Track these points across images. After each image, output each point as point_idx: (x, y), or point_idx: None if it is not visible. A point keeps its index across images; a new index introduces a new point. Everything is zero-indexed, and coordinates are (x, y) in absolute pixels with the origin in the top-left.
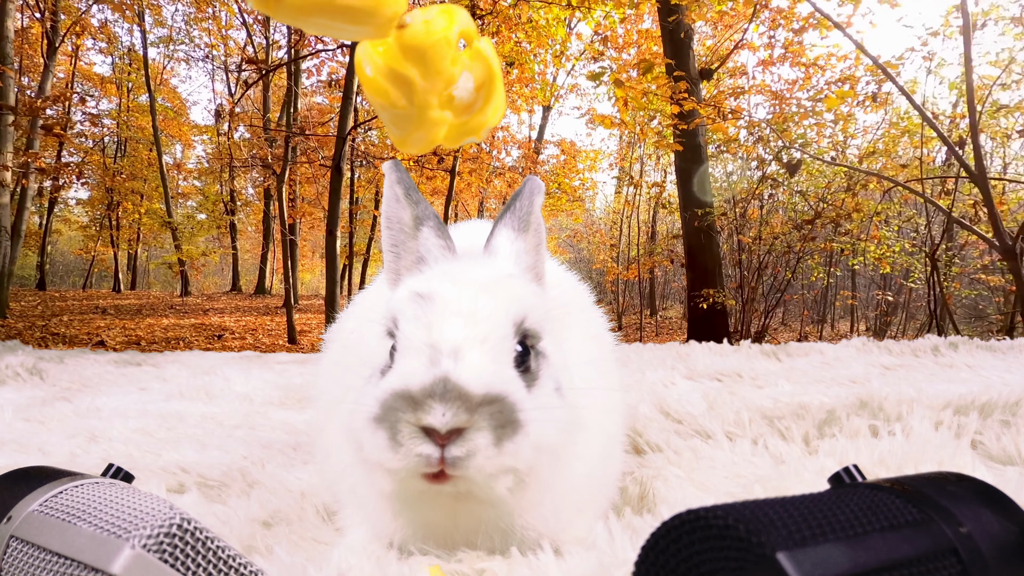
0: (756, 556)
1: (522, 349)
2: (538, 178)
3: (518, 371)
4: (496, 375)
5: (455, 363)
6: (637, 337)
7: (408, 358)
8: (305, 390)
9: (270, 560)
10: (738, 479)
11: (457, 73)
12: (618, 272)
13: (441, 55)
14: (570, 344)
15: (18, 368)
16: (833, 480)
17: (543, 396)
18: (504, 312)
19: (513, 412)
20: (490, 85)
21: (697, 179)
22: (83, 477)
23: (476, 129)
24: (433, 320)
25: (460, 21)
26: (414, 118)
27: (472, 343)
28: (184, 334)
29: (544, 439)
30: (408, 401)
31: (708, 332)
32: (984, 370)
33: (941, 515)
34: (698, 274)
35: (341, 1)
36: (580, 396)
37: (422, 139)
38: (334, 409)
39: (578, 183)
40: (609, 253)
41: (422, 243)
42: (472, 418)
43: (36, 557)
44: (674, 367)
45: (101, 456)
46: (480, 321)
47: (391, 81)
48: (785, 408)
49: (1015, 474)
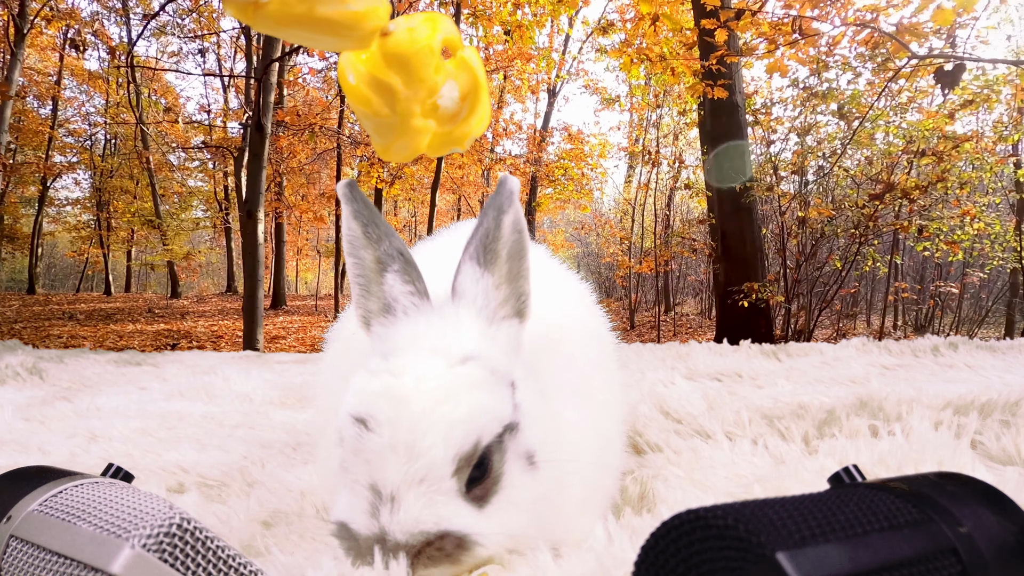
0: (756, 556)
1: (477, 462)
2: (512, 178)
3: (471, 490)
4: (433, 521)
5: (391, 514)
6: (653, 337)
7: (353, 494)
8: (305, 390)
9: (270, 560)
10: (738, 479)
11: (441, 82)
12: (630, 266)
13: (424, 63)
14: (558, 365)
15: (18, 368)
16: (833, 480)
17: (506, 498)
18: (446, 447)
19: (461, 541)
20: (475, 94)
21: (733, 149)
22: (83, 477)
23: (460, 139)
24: (371, 457)
25: (444, 29)
26: (396, 127)
27: (410, 485)
28: (134, 342)
29: (504, 544)
30: (356, 542)
31: (746, 334)
32: (984, 370)
33: (941, 515)
34: (734, 265)
35: (321, 13)
36: (567, 432)
37: (405, 148)
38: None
39: (587, 170)
40: (620, 246)
41: (387, 290)
42: (418, 570)
43: (36, 557)
44: (674, 367)
45: (101, 456)
46: (419, 458)
47: (373, 89)
48: (785, 408)
49: (1015, 474)
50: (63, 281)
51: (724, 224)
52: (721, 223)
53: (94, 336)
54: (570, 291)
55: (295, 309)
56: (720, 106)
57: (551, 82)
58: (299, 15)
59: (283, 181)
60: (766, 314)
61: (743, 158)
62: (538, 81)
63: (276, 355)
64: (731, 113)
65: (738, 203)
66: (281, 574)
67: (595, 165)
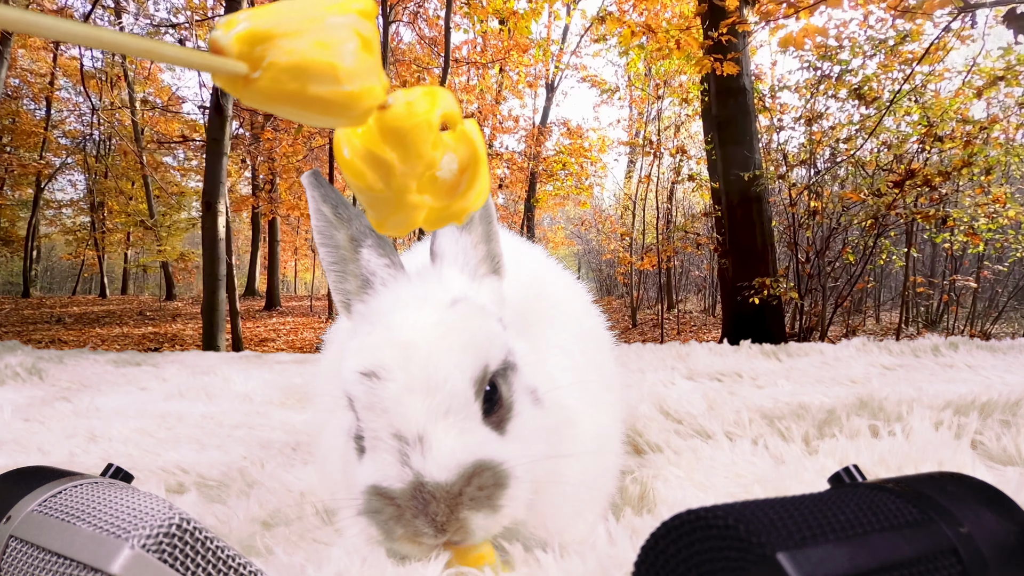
0: (756, 556)
1: (490, 388)
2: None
3: (490, 417)
4: (467, 449)
5: (424, 456)
6: (656, 336)
7: (377, 451)
8: (305, 390)
9: (269, 560)
10: (738, 479)
11: (438, 157)
12: (631, 261)
13: (422, 138)
14: (546, 335)
15: (17, 368)
16: (833, 480)
17: (521, 424)
18: (461, 372)
19: (496, 475)
20: (474, 168)
21: (741, 134)
22: (82, 477)
23: (459, 214)
24: (388, 405)
25: (443, 103)
26: (392, 202)
27: (435, 420)
28: (115, 347)
29: (534, 478)
30: (392, 504)
31: (757, 333)
32: (984, 370)
33: (941, 515)
34: (743, 258)
35: (314, 93)
36: (562, 389)
37: (400, 223)
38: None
39: (587, 164)
40: (621, 242)
41: (364, 264)
42: (461, 515)
43: (36, 557)
44: (674, 367)
45: (100, 456)
46: (437, 391)
47: (368, 164)
48: (785, 408)
49: (1015, 474)
50: (61, 284)
51: (731, 215)
52: (728, 214)
53: (77, 341)
54: (567, 290)
55: (290, 310)
56: (727, 88)
57: (549, 77)
58: (291, 93)
59: (275, 179)
60: (778, 311)
61: (751, 144)
62: (536, 76)
63: (276, 355)
64: (739, 96)
65: (746, 193)
66: (281, 574)
67: (595, 159)
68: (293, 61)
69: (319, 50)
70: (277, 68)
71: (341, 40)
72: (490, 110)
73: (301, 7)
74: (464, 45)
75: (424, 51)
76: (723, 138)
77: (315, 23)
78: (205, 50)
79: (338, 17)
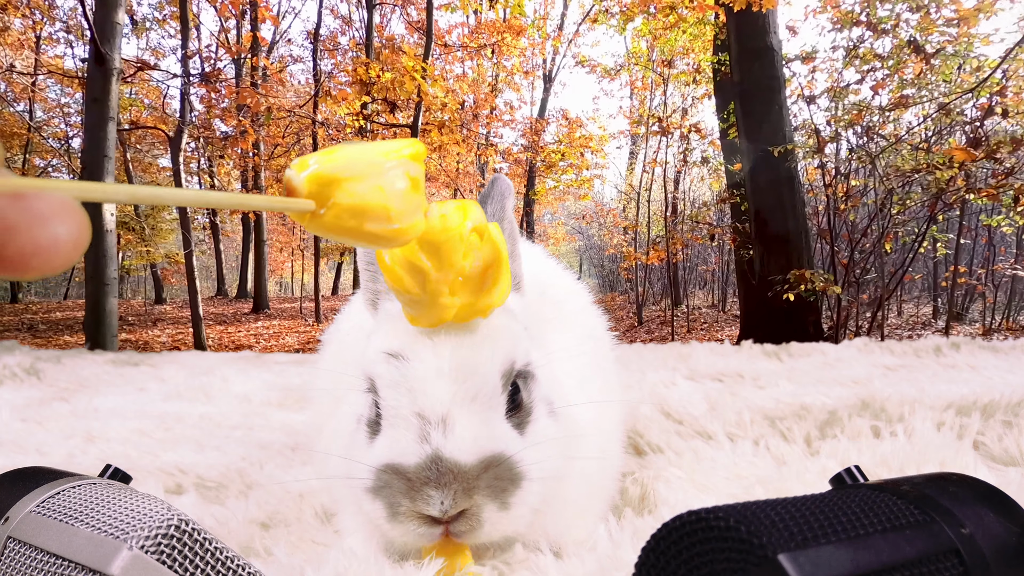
0: (757, 558)
1: (513, 388)
2: (506, 178)
3: (510, 416)
4: (489, 438)
5: (444, 435)
6: (664, 334)
7: (396, 428)
8: (304, 390)
9: (268, 562)
10: (739, 480)
11: (468, 266)
12: (636, 256)
13: (455, 249)
14: (557, 344)
15: (15, 368)
16: (835, 481)
17: (538, 430)
18: (490, 364)
19: (512, 470)
20: (497, 267)
21: (770, 104)
22: (81, 478)
23: (484, 309)
24: (414, 385)
25: (473, 217)
26: (426, 303)
27: (461, 404)
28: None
29: (546, 484)
30: (403, 479)
31: (788, 332)
32: (986, 370)
33: (943, 516)
34: (772, 248)
35: (368, 229)
36: (574, 404)
37: (432, 318)
38: (332, 411)
39: (587, 153)
40: (624, 236)
41: None
42: (472, 499)
43: (34, 558)
44: (675, 368)
45: (99, 457)
46: (466, 377)
47: (407, 270)
48: (787, 409)
49: (1017, 475)
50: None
51: (758, 201)
52: (754, 200)
53: (43, 348)
54: (555, 284)
55: (278, 313)
56: (752, 49)
57: (546, 67)
58: (350, 228)
59: (260, 172)
60: (814, 307)
61: (780, 115)
62: (532, 67)
63: (275, 355)
64: (766, 58)
65: (775, 174)
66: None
67: (595, 148)
68: (354, 203)
69: (376, 194)
70: (340, 208)
71: (393, 183)
72: (484, 103)
73: (363, 153)
74: (455, 29)
75: (413, 41)
76: (747, 110)
77: (374, 168)
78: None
79: (393, 162)
